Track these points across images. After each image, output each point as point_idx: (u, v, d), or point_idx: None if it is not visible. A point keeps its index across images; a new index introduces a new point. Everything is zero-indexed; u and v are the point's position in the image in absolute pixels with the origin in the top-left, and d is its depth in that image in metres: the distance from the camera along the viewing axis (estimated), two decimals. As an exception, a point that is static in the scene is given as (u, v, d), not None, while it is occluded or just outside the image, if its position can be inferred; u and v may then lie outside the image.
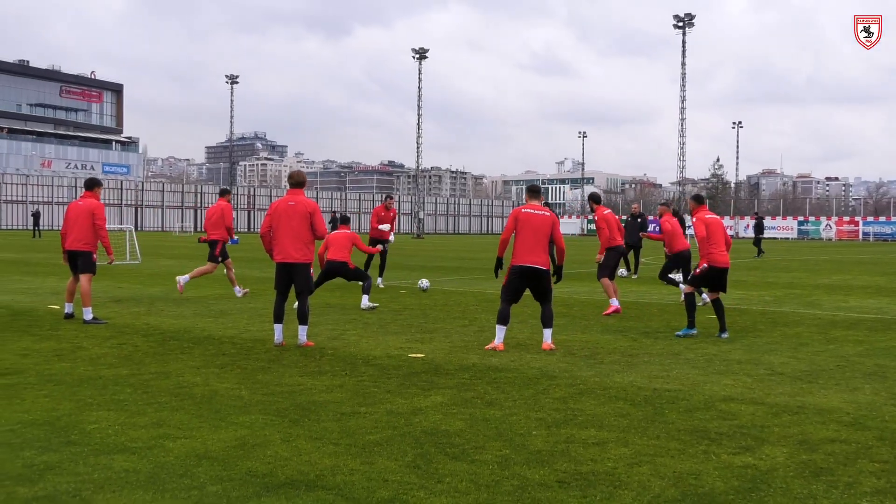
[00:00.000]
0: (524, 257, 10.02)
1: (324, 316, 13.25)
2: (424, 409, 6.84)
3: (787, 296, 18.19)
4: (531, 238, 10.03)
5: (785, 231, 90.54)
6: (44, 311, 13.46)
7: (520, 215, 10.14)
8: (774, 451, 5.71)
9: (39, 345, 10.02)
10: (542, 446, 5.75)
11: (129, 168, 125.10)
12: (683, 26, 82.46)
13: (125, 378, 8.01)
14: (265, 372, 8.41)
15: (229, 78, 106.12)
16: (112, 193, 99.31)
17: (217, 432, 6.00)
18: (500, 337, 10.05)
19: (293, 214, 10.15)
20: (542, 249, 10.08)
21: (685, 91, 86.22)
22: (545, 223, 10.16)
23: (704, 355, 9.79)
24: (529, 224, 10.08)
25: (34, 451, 5.49)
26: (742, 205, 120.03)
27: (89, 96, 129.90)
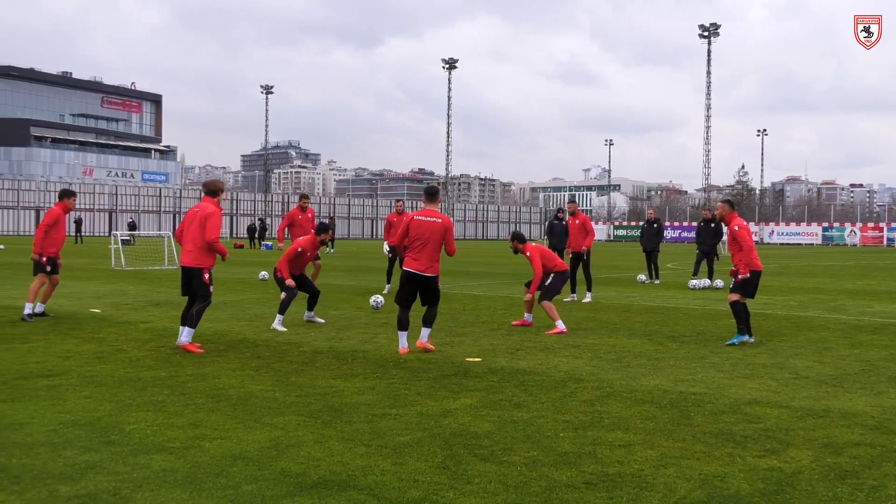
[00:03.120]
0: (413, 263, 9.85)
1: (356, 320, 13.29)
2: (454, 410, 6.83)
3: (811, 301, 17.99)
4: (421, 245, 9.80)
5: (809, 237, 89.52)
6: (86, 315, 13.61)
7: (412, 221, 9.91)
8: (799, 454, 5.65)
9: (81, 347, 10.13)
10: (570, 448, 5.72)
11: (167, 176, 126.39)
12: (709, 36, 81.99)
13: (163, 380, 8.07)
14: (299, 374, 8.45)
15: (264, 88, 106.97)
16: (151, 201, 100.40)
17: (252, 433, 6.03)
18: (403, 342, 9.89)
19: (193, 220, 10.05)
20: (429, 256, 9.82)
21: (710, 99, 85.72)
22: (437, 230, 9.87)
23: (730, 359, 9.71)
24: (420, 231, 9.83)
25: (75, 450, 5.55)
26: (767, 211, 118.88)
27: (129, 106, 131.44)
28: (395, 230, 18.86)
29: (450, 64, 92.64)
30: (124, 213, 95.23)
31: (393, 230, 19.09)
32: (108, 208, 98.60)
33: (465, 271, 27.33)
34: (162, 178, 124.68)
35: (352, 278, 23.87)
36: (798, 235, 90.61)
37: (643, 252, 24.05)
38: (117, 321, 12.82)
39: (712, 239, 22.46)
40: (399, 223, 19.00)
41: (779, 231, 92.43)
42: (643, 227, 24.48)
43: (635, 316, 14.43)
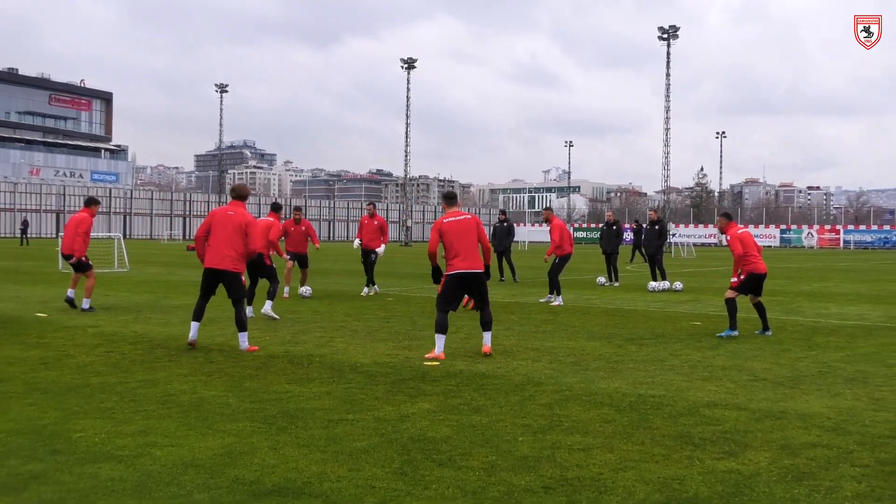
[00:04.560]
0: (458, 263, 10.01)
1: (312, 323, 13.22)
2: (411, 415, 6.82)
3: (769, 303, 18.20)
4: (460, 244, 10.02)
5: (768, 239, 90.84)
6: (31, 319, 13.37)
7: (443, 227, 10.12)
8: (757, 456, 5.72)
9: (26, 353, 9.95)
10: (528, 452, 5.74)
11: (117, 176, 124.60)
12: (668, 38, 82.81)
13: (112, 386, 7.96)
14: (253, 379, 8.37)
15: (219, 87, 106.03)
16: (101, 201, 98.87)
17: (204, 440, 5.96)
18: (440, 346, 9.90)
19: (228, 224, 10.45)
20: (471, 253, 10.07)
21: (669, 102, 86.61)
22: (470, 227, 10.14)
23: (688, 362, 9.81)
24: (455, 232, 10.06)
25: (19, 460, 5.44)
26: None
27: (78, 104, 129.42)
28: (367, 233, 18.94)
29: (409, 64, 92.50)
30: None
31: (364, 231, 19.23)
32: (55, 209, 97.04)
33: (423, 273, 27.28)
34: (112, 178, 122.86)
35: (308, 281, 23.69)
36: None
37: (602, 254, 24.26)
38: (64, 325, 12.61)
39: (657, 241, 22.82)
40: (368, 226, 19.04)
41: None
42: (602, 229, 24.68)
43: (595, 318, 14.53)
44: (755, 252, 12.26)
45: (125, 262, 29.37)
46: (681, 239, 69.39)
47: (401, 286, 20.82)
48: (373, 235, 19.10)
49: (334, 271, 29.53)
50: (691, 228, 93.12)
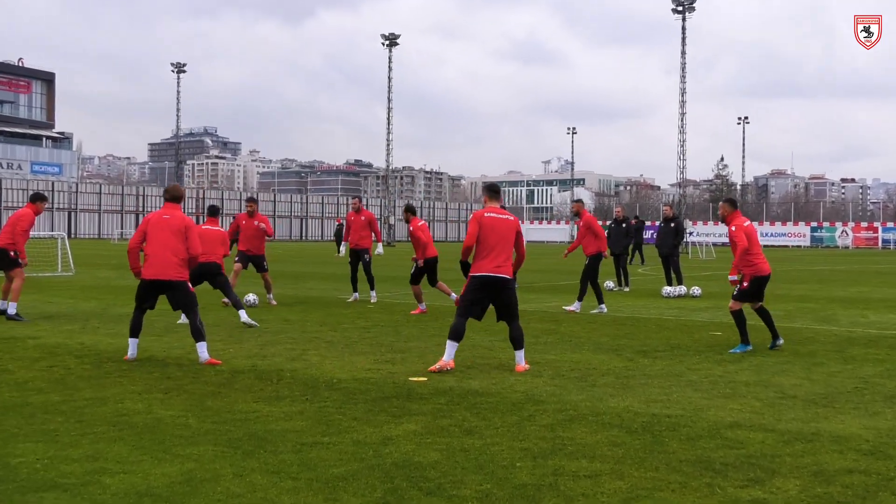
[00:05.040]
0: (485, 265, 10.09)
1: (282, 334, 13.21)
2: (395, 438, 6.82)
3: (799, 310, 18.32)
4: (495, 244, 10.12)
5: (797, 238, 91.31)
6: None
7: (483, 220, 10.21)
8: (786, 484, 5.74)
9: (-42, 367, 9.91)
10: (528, 479, 5.75)
11: (61, 167, 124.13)
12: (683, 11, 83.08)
13: (56, 405, 7.93)
14: (215, 397, 8.36)
15: (175, 66, 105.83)
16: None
17: (161, 466, 5.95)
18: (450, 353, 10.03)
19: (165, 228, 10.68)
20: (504, 257, 10.18)
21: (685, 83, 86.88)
22: (511, 228, 10.27)
23: (708, 377, 9.84)
24: (494, 230, 10.17)
25: (-49, 488, 5.42)
26: (749, 209, 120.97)
27: (16, 86, 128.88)
28: (355, 231, 18.86)
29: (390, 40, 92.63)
30: (10, 210, 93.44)
31: (352, 230, 19.09)
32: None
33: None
34: (55, 169, 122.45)
35: (277, 286, 23.70)
36: (784, 236, 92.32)
37: (610, 256, 24.26)
38: (0, 337, 12.56)
39: (672, 239, 22.70)
40: (355, 223, 18.92)
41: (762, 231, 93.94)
42: (610, 228, 24.56)
43: (602, 328, 14.56)
44: (759, 250, 12.11)
45: (70, 264, 29.29)
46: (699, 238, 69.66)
47: (383, 291, 20.80)
48: (362, 233, 18.95)
49: (306, 274, 29.52)
50: (710, 226, 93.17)
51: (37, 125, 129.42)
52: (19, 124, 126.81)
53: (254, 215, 18.22)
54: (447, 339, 10.09)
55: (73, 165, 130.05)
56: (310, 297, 20.36)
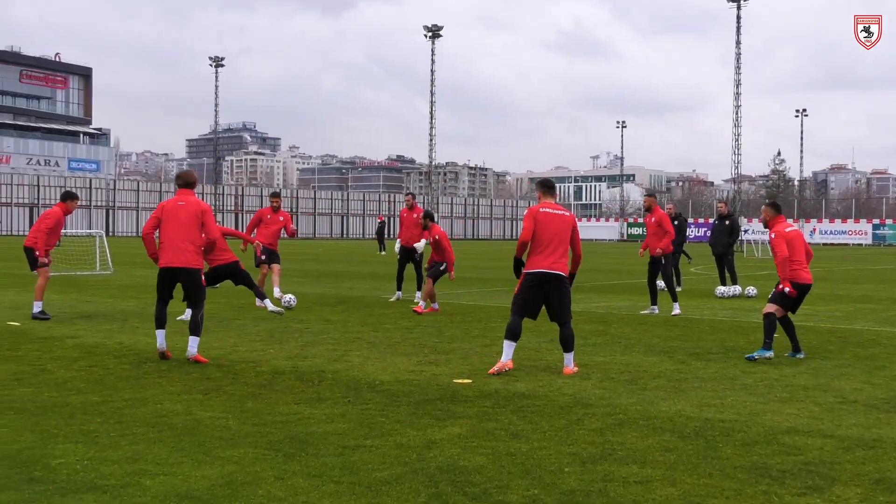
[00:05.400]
0: (540, 262, 10.11)
1: (323, 334, 13.29)
2: (439, 441, 6.84)
3: (859, 311, 18.10)
4: (550, 241, 10.14)
5: (857, 236, 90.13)
6: (2, 329, 13.55)
7: (538, 215, 10.22)
8: (847, 492, 5.68)
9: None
10: (576, 485, 5.74)
11: (98, 164, 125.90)
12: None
13: (95, 405, 8.05)
14: (255, 399, 8.44)
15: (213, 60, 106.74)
16: (79, 193, 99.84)
17: (201, 468, 6.02)
18: (508, 354, 10.06)
19: (181, 214, 10.86)
20: (560, 254, 10.19)
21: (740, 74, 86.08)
22: (566, 225, 10.29)
23: (764, 380, 9.76)
24: (549, 226, 10.18)
25: (-9, 489, 5.53)
26: (808, 205, 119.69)
27: (53, 82, 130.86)
28: (407, 228, 18.88)
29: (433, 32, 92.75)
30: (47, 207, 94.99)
31: (404, 227, 19.15)
32: (28, 202, 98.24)
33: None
34: (92, 166, 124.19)
35: (318, 285, 23.88)
36: (844, 234, 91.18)
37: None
38: (39, 336, 12.77)
39: (726, 238, 22.40)
40: (408, 220, 18.95)
41: (822, 229, 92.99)
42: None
43: (653, 330, 14.49)
44: (802, 258, 11.71)
45: (108, 263, 29.68)
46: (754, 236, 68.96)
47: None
48: (414, 231, 18.93)
49: (347, 273, 29.66)
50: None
51: (74, 121, 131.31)
52: (56, 120, 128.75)
53: (278, 210, 18.29)
54: (504, 340, 10.11)
55: (110, 162, 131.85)
56: (351, 296, 20.47)
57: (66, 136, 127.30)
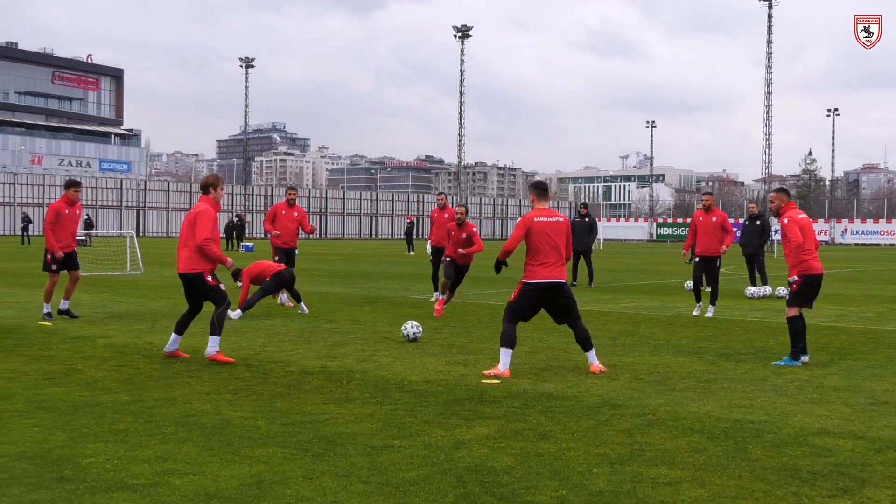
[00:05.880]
0: (543, 271, 10.02)
1: (351, 334, 13.32)
2: (468, 442, 6.84)
3: (892, 311, 17.94)
4: (549, 249, 10.04)
5: (890, 236, 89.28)
6: (33, 329, 13.68)
7: (533, 225, 10.09)
8: (878, 494, 5.64)
9: (29, 367, 10.19)
10: (605, 486, 5.73)
11: (129, 165, 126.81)
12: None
13: (125, 405, 8.11)
14: (284, 399, 8.47)
15: (243, 61, 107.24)
16: (110, 194, 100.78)
17: (229, 468, 6.05)
18: (505, 362, 9.89)
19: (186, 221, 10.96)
20: (560, 261, 10.11)
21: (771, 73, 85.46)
22: (561, 231, 10.18)
23: (794, 381, 9.70)
24: (547, 234, 10.06)
25: (23, 487, 5.58)
26: (839, 205, 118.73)
27: (85, 83, 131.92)
28: (438, 228, 18.87)
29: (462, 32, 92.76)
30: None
31: (435, 228, 19.13)
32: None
33: (479, 276, 27.37)
34: (123, 167, 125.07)
35: (347, 285, 23.94)
36: (876, 234, 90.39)
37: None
38: (71, 336, 12.88)
39: (757, 238, 22.26)
40: (439, 220, 18.93)
41: (853, 229, 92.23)
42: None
43: (682, 330, 14.43)
44: (812, 247, 11.35)
45: (139, 263, 29.89)
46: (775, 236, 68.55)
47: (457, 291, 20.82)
48: (445, 231, 18.94)
49: (376, 273, 29.71)
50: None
51: (105, 122, 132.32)
52: (88, 121, 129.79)
53: (293, 205, 17.72)
54: (501, 348, 9.97)
55: (141, 163, 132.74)
56: (380, 296, 20.50)
57: (97, 137, 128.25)
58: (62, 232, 14.92)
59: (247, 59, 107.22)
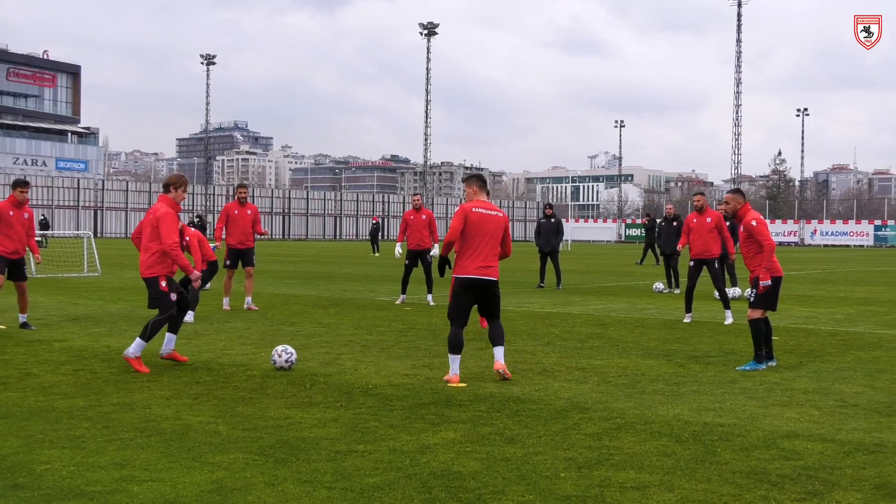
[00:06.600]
0: (471, 267, 9.74)
1: (315, 337, 13.29)
2: (433, 446, 6.84)
3: (861, 313, 18.13)
4: (482, 244, 9.77)
5: (859, 237, 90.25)
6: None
7: (471, 215, 9.81)
8: (847, 497, 5.69)
9: (-18, 371, 10.08)
10: (572, 491, 5.75)
11: (87, 164, 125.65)
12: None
13: (82, 410, 8.04)
14: (246, 403, 8.43)
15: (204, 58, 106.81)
16: (67, 193, 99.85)
17: (190, 474, 6.02)
18: (455, 368, 9.71)
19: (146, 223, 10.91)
20: (491, 257, 9.83)
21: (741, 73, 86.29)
22: (499, 226, 9.93)
23: (764, 384, 9.77)
24: (482, 227, 9.79)
25: (-24, 495, 5.52)
26: (809, 206, 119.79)
27: (41, 80, 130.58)
28: (414, 229, 18.66)
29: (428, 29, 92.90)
30: (35, 208, 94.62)
31: (412, 230, 18.89)
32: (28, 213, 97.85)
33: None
34: (80, 166, 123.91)
35: (311, 287, 23.87)
36: (845, 235, 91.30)
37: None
38: (25, 339, 12.76)
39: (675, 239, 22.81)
40: (416, 222, 18.74)
41: (822, 230, 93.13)
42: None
43: (651, 332, 14.51)
44: None
45: (96, 264, 29.63)
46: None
47: (420, 293, 20.81)
48: (424, 233, 18.83)
49: (340, 275, 29.64)
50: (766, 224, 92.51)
51: (62, 120, 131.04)
52: (44, 119, 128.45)
53: (245, 203, 17.22)
54: (449, 354, 9.73)
55: (99, 162, 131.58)
56: (344, 298, 20.45)
57: (53, 135, 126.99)
58: (8, 237, 13.76)
59: (208, 56, 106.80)
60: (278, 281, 25.94)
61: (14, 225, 13.85)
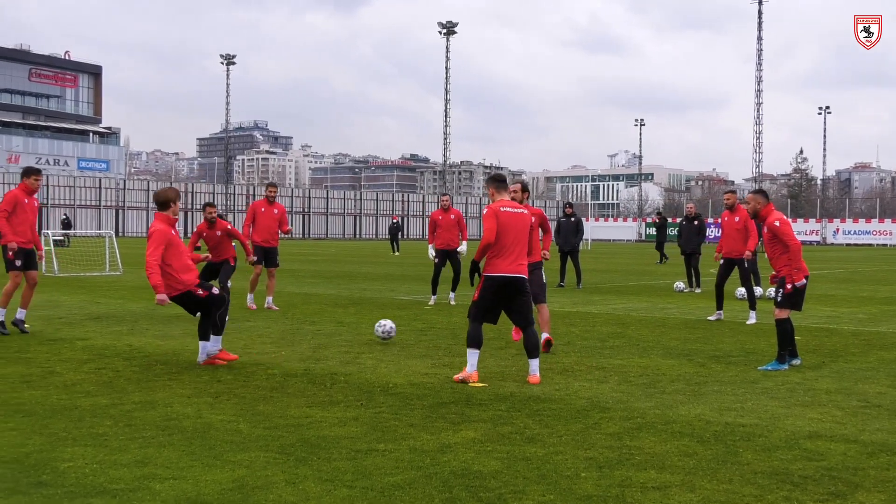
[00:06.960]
0: (501, 265, 9.70)
1: (335, 336, 13.31)
2: (454, 446, 6.85)
3: (885, 313, 18.02)
4: (512, 242, 9.74)
5: (882, 236, 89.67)
6: (11, 330, 13.59)
7: (501, 215, 9.76)
8: (870, 498, 5.66)
9: (5, 369, 10.14)
10: (593, 491, 5.74)
11: (108, 164, 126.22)
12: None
13: (104, 408, 8.08)
14: (267, 402, 8.46)
15: (224, 58, 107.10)
16: (89, 193, 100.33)
17: (211, 472, 6.04)
18: (472, 364, 9.70)
19: None
20: (521, 255, 9.81)
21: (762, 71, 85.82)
22: (526, 224, 9.93)
23: (786, 384, 9.73)
24: (511, 226, 9.76)
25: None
26: (831, 205, 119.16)
27: (63, 80, 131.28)
28: (443, 229, 18.49)
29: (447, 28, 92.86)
30: (57, 207, 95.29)
31: (440, 230, 18.72)
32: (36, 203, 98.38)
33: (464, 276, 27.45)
34: (102, 165, 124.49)
35: (331, 286, 23.91)
36: (868, 234, 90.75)
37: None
38: (48, 338, 12.83)
39: (695, 238, 23.44)
40: (444, 221, 18.54)
41: (845, 229, 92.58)
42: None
43: (672, 331, 14.47)
44: None
45: (118, 264, 29.78)
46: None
47: (440, 292, 20.83)
48: (454, 233, 18.70)
49: (360, 274, 29.68)
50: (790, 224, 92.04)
51: (83, 120, 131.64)
52: (66, 119, 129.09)
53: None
54: (467, 349, 9.75)
55: (120, 161, 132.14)
56: (364, 297, 20.48)
57: (75, 135, 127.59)
58: (21, 225, 13.46)
59: (228, 56, 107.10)
60: (299, 280, 26.01)
61: (27, 213, 13.65)
